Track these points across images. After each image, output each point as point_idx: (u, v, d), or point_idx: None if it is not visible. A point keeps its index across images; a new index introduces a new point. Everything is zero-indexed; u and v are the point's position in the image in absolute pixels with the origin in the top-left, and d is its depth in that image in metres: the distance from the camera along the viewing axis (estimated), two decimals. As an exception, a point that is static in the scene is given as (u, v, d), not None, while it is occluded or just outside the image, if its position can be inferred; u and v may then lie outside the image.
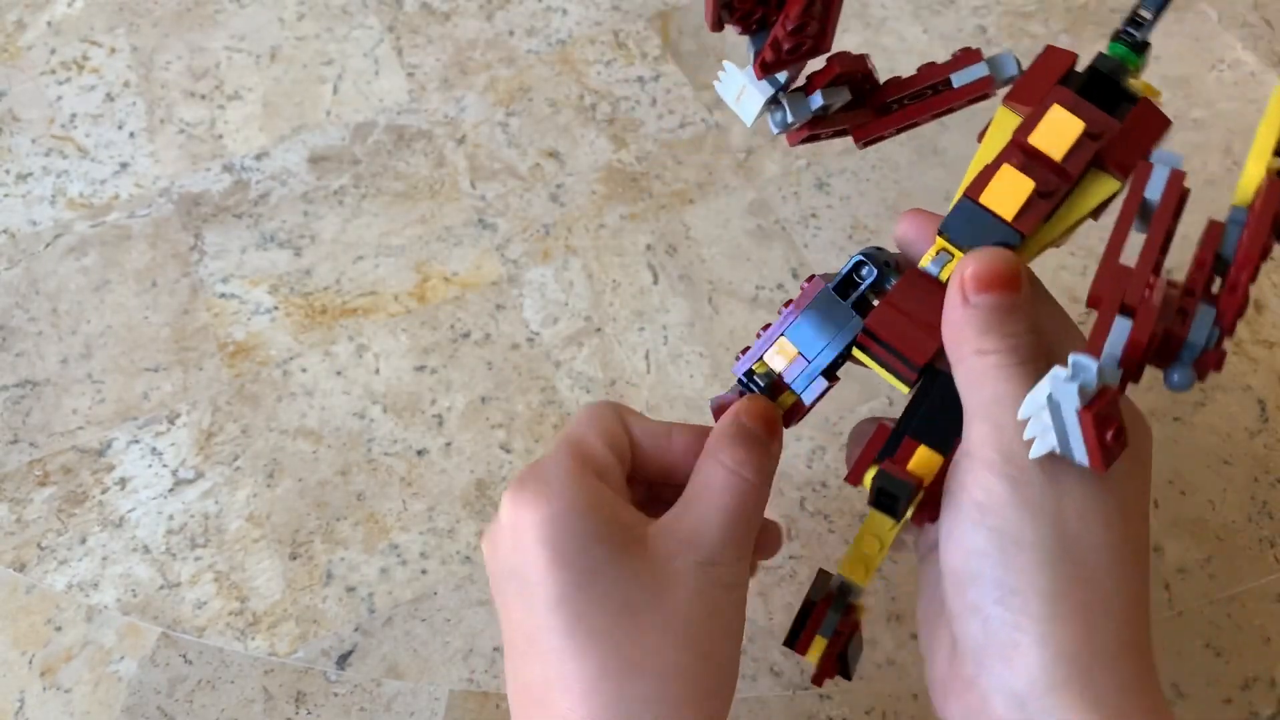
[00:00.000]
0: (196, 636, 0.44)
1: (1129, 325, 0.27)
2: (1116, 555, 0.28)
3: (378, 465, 0.48)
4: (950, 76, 0.33)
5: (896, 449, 0.31)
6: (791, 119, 0.32)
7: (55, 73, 0.62)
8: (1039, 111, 0.30)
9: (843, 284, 0.33)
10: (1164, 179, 0.29)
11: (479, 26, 0.63)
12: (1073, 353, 0.26)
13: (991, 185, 0.30)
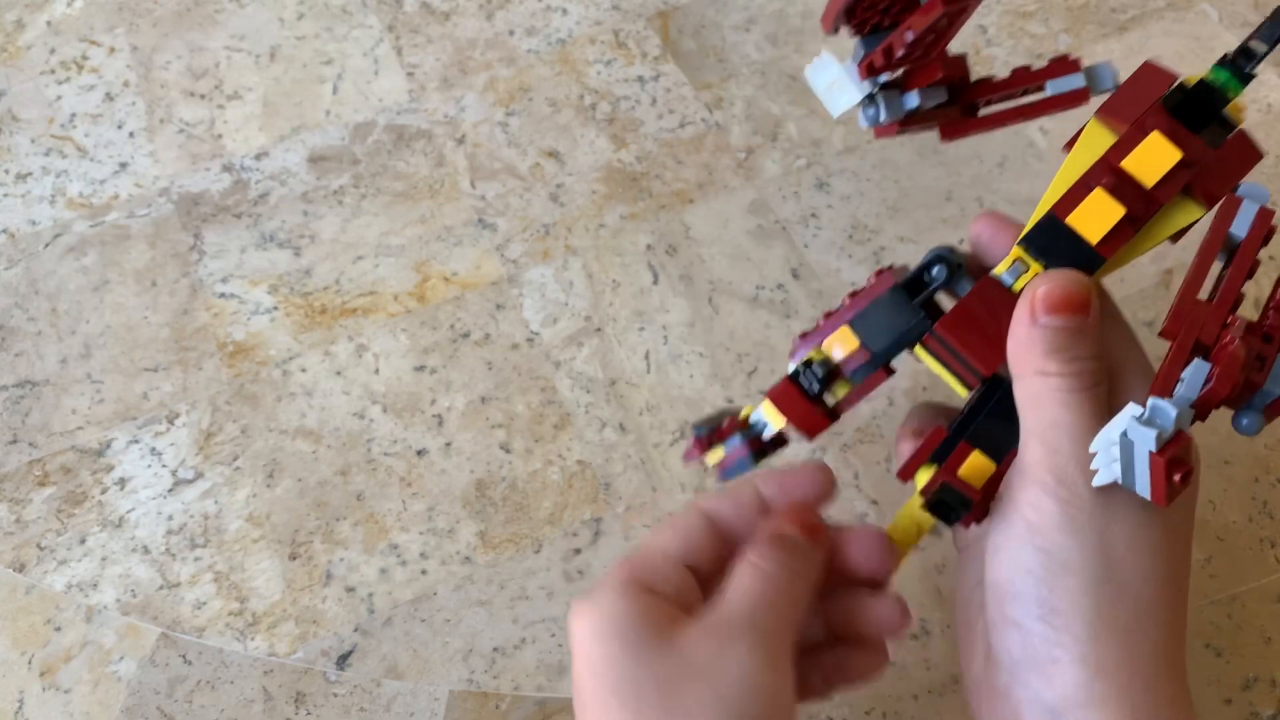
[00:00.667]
0: (196, 637, 0.44)
1: (1206, 369, 0.27)
2: (1158, 582, 0.28)
3: (377, 465, 0.48)
4: (1046, 84, 0.32)
5: (950, 452, 0.31)
6: (885, 117, 0.32)
7: (54, 72, 0.62)
8: (1135, 134, 0.29)
9: (912, 282, 0.33)
10: (1252, 214, 0.29)
11: (479, 26, 0.63)
12: (1152, 397, 0.26)
13: (1082, 207, 0.29)
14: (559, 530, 0.46)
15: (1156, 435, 0.26)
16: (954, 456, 0.31)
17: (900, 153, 0.56)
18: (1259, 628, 0.41)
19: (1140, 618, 0.28)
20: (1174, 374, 0.27)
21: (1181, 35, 0.59)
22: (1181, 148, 0.29)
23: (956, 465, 0.31)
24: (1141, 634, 0.28)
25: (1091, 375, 0.29)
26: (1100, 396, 0.29)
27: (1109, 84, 0.32)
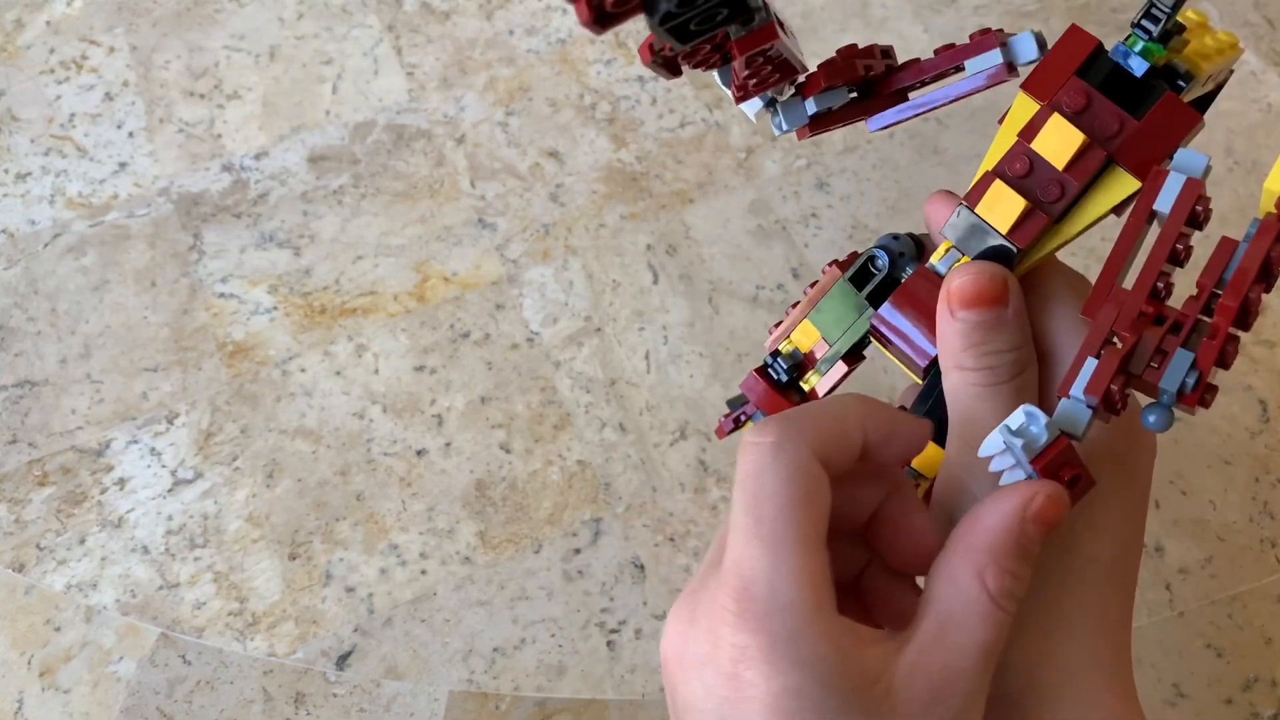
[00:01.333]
0: (196, 637, 0.44)
1: (1093, 366, 0.26)
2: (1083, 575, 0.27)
3: (377, 465, 0.47)
4: (965, 63, 0.32)
5: None
6: (786, 126, 0.32)
7: (54, 72, 0.62)
8: (1045, 112, 0.29)
9: (859, 274, 0.33)
10: (1176, 188, 0.27)
11: (479, 26, 0.63)
12: (1024, 405, 0.25)
13: (986, 198, 0.29)
14: (559, 530, 0.46)
15: (1025, 446, 0.25)
16: None
17: (900, 153, 0.56)
18: (1259, 628, 0.41)
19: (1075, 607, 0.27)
20: (1076, 369, 0.26)
21: (1182, 35, 0.59)
22: (1089, 124, 0.28)
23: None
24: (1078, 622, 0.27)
25: (1009, 368, 0.28)
26: (1020, 387, 0.28)
27: (1031, 54, 0.31)
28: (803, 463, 0.25)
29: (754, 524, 0.24)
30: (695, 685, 0.24)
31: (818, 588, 0.23)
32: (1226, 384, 0.48)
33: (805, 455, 0.25)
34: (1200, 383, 0.26)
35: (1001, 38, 0.32)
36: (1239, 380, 0.48)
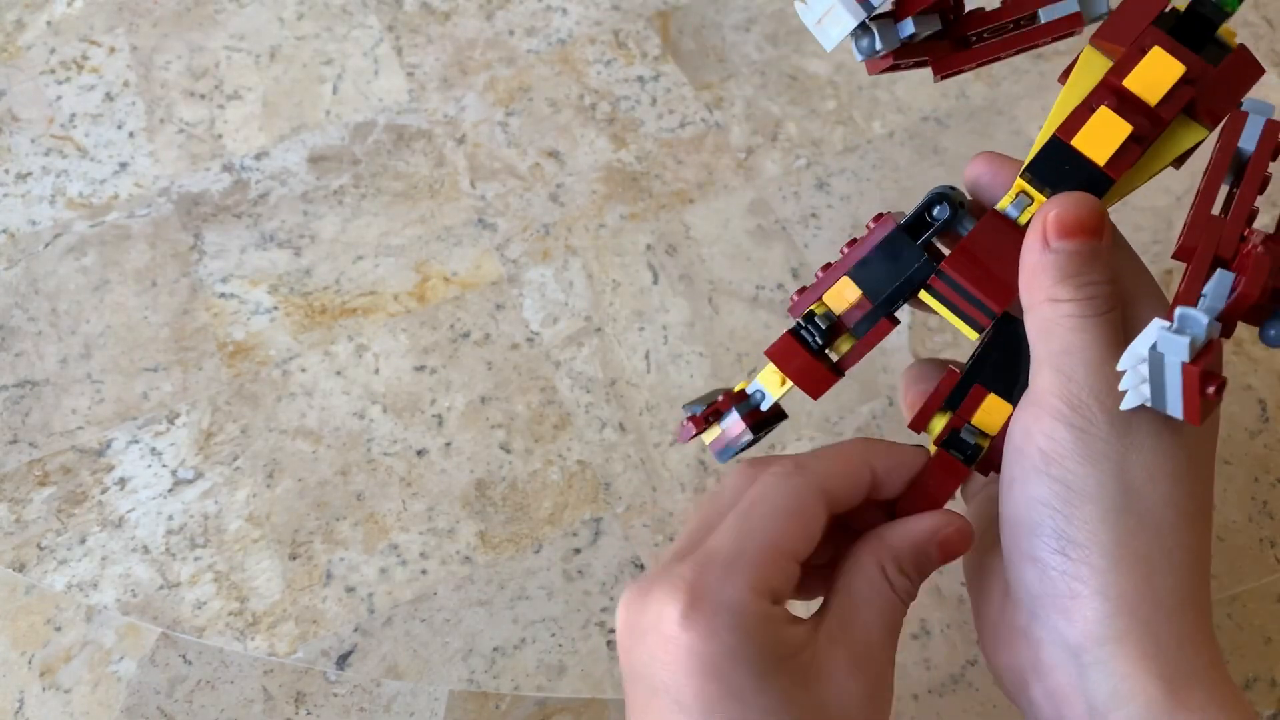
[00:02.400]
0: (196, 637, 0.44)
1: (1230, 278, 0.26)
2: (1180, 511, 0.27)
3: (377, 465, 0.48)
4: (1038, 11, 0.31)
5: (964, 397, 0.31)
6: (880, 46, 0.30)
7: (54, 72, 0.62)
8: (1134, 54, 0.29)
9: (914, 224, 0.32)
10: (1259, 127, 0.28)
11: (479, 26, 0.63)
12: (1180, 306, 0.25)
13: (1087, 128, 0.28)
14: (559, 530, 0.46)
15: (1189, 343, 0.24)
16: (968, 401, 0.31)
17: (900, 153, 0.56)
18: (1259, 628, 0.41)
19: (1162, 549, 0.27)
20: (1196, 287, 0.26)
21: (1181, 35, 0.59)
22: (1182, 63, 0.28)
23: (972, 410, 0.31)
24: (1164, 566, 0.27)
25: (1106, 300, 0.28)
26: (1115, 322, 0.28)
27: (1103, 8, 0.31)
28: (805, 496, 0.28)
29: (739, 522, 0.28)
30: (640, 652, 0.27)
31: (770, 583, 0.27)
32: (1226, 384, 0.48)
33: (811, 490, 0.28)
34: None
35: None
36: (1238, 380, 0.48)
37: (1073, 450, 0.27)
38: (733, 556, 0.27)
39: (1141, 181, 0.29)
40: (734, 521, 0.28)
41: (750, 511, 0.28)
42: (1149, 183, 0.30)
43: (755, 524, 0.28)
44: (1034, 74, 0.58)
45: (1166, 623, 0.27)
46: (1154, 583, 0.27)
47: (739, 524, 0.28)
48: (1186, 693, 0.26)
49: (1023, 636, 0.29)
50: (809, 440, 0.47)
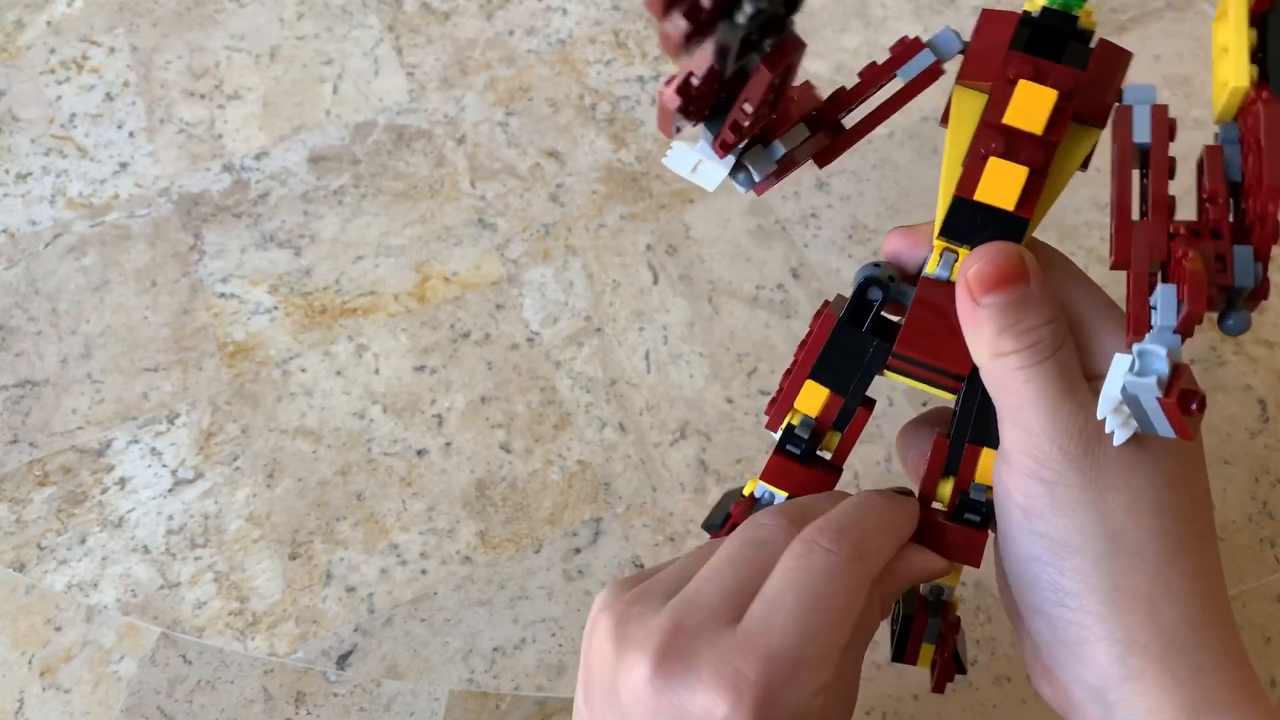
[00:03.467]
0: (196, 636, 0.44)
1: (1173, 290, 0.26)
2: (1172, 542, 0.27)
3: (377, 465, 0.48)
4: (896, 74, 0.31)
5: (960, 458, 0.31)
6: (758, 177, 0.31)
7: (55, 72, 0.62)
8: (1004, 88, 0.29)
9: (855, 312, 0.32)
10: (1148, 118, 0.28)
11: (479, 26, 0.63)
12: (1136, 344, 0.25)
13: (984, 180, 0.29)
14: (559, 530, 0.46)
15: (1156, 381, 0.25)
16: (965, 462, 0.31)
17: (900, 153, 0.56)
18: (1259, 627, 0.41)
19: (1161, 583, 0.27)
20: (1144, 304, 0.26)
21: (1181, 35, 0.59)
22: (1053, 84, 0.28)
23: (971, 469, 0.31)
24: (1166, 599, 0.27)
25: (1050, 342, 0.28)
26: (1064, 360, 0.28)
27: (957, 47, 0.31)
28: (863, 590, 0.28)
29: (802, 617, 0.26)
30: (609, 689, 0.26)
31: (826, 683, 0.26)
32: (1225, 384, 0.48)
33: (866, 583, 0.28)
34: (1264, 273, 0.26)
35: (923, 42, 0.31)
36: (1237, 380, 0.48)
37: (1048, 504, 0.27)
38: (797, 658, 0.26)
39: (1054, 197, 0.29)
40: (796, 612, 0.26)
41: (814, 605, 0.27)
42: None
43: (819, 620, 0.26)
44: (1034, 74, 0.58)
45: (1180, 654, 0.27)
46: (1159, 618, 0.27)
47: (802, 620, 0.26)
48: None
49: (1053, 679, 0.29)
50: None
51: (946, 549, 0.31)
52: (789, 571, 0.27)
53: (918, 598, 0.34)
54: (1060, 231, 0.52)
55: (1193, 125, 0.56)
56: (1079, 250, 0.52)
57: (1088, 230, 0.52)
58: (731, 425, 0.47)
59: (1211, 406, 0.47)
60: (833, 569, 0.27)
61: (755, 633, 0.26)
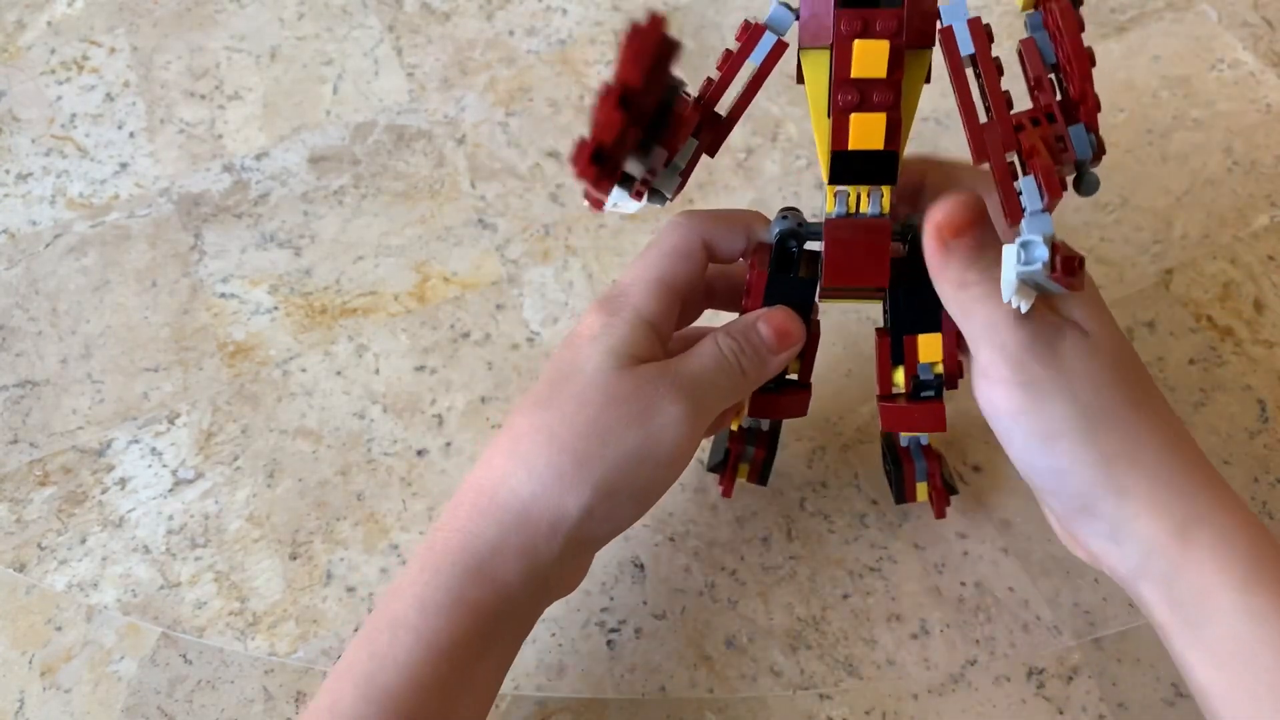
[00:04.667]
0: (196, 636, 0.44)
1: (1033, 181, 0.31)
2: (1133, 403, 0.34)
3: (378, 465, 0.48)
4: (748, 59, 0.35)
5: (903, 349, 0.37)
6: (671, 196, 0.35)
7: (55, 73, 0.62)
8: (843, 46, 0.33)
9: (780, 261, 0.38)
10: (966, 31, 0.32)
11: (479, 26, 0.63)
12: (1019, 237, 0.31)
13: (853, 133, 0.34)
14: (559, 530, 0.46)
15: (1044, 266, 0.30)
16: (907, 352, 0.37)
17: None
18: (1258, 627, 0.41)
19: (1132, 439, 0.33)
20: (1012, 194, 0.32)
21: (1181, 35, 0.59)
22: (880, 33, 0.32)
23: (914, 355, 0.37)
24: (1140, 449, 0.33)
25: (998, 268, 0.33)
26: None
27: (790, 19, 0.34)
28: (688, 239, 0.38)
29: (638, 260, 0.38)
30: (564, 348, 0.37)
31: (650, 305, 0.37)
32: (1225, 384, 0.48)
33: (693, 234, 0.38)
34: (1099, 140, 0.32)
35: (762, 26, 0.35)
36: (1237, 380, 0.48)
37: (1030, 402, 0.33)
38: (629, 284, 0.37)
39: (912, 113, 0.34)
40: (636, 260, 0.38)
41: (647, 253, 0.38)
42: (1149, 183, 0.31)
43: (649, 260, 0.38)
44: (1034, 74, 0.58)
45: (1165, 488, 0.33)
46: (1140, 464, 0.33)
47: (638, 262, 0.38)
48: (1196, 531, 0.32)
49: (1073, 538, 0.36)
50: (808, 440, 0.47)
51: (914, 423, 0.38)
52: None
53: (899, 449, 0.42)
54: (1060, 231, 0.52)
55: (1191, 126, 0.56)
56: (1079, 250, 0.52)
57: (1087, 230, 0.52)
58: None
59: (1211, 406, 0.47)
60: (664, 230, 0.39)
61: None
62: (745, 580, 0.44)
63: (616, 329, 0.36)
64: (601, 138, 0.28)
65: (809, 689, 0.41)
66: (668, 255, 0.38)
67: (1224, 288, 0.50)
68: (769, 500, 0.45)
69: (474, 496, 0.35)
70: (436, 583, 0.34)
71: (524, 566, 0.34)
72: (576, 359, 0.36)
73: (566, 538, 0.35)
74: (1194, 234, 0.52)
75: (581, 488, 0.34)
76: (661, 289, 0.37)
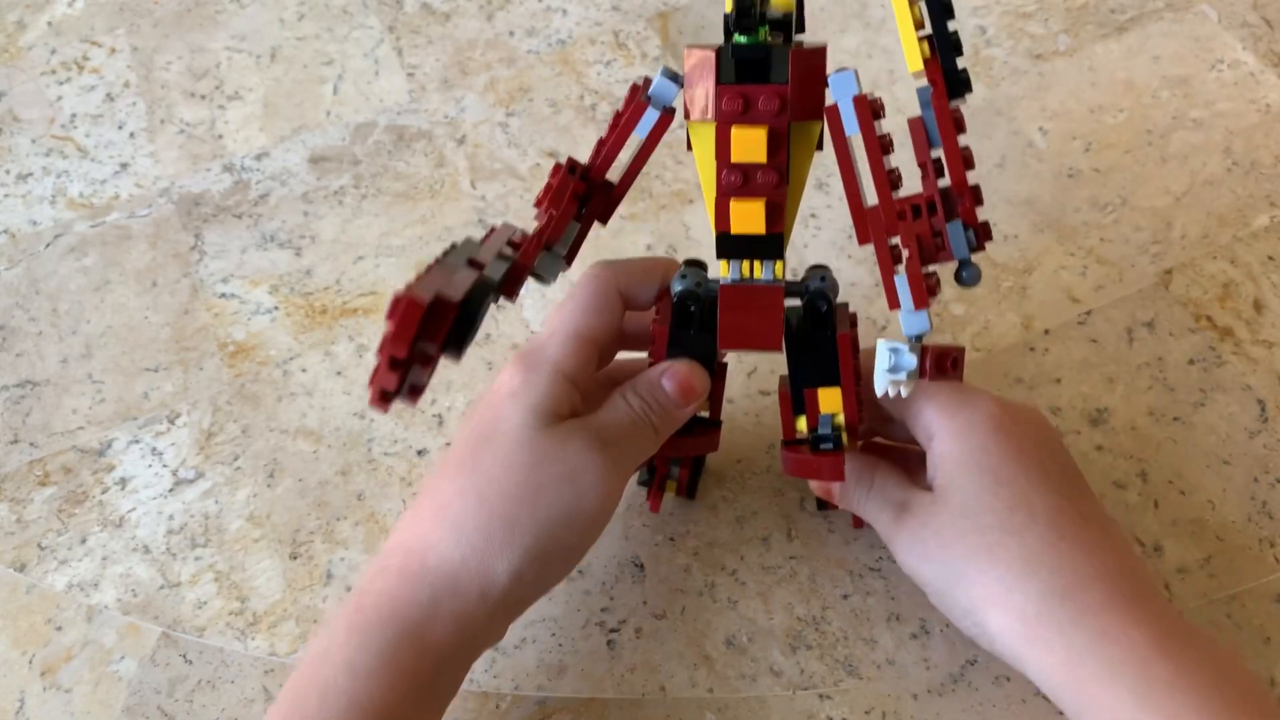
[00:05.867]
0: (197, 636, 0.44)
1: (904, 277, 0.32)
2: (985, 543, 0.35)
3: (378, 465, 0.48)
4: (634, 133, 0.35)
5: (803, 402, 0.38)
6: (553, 281, 0.36)
7: (55, 73, 0.62)
8: (724, 131, 0.33)
9: (680, 320, 0.38)
10: (851, 110, 0.32)
11: (479, 26, 0.63)
12: (880, 342, 0.33)
13: (734, 217, 0.34)
14: (559, 530, 0.46)
15: (907, 375, 0.32)
16: (809, 404, 0.38)
17: (900, 153, 0.56)
18: (1258, 628, 0.41)
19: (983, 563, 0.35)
20: (892, 282, 0.32)
21: (1181, 35, 0.59)
22: (762, 112, 0.32)
23: (814, 407, 0.38)
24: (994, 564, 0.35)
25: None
26: None
27: (674, 91, 0.34)
28: (604, 288, 0.38)
29: (555, 313, 0.38)
30: (481, 405, 0.37)
31: (567, 359, 0.37)
32: (1225, 384, 0.48)
33: (609, 284, 0.38)
34: (979, 233, 0.32)
35: (644, 94, 0.35)
36: (1237, 380, 0.48)
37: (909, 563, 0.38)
38: (547, 339, 0.38)
39: (801, 186, 0.34)
40: (554, 312, 0.39)
41: (565, 305, 0.38)
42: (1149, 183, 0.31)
43: (567, 314, 0.38)
44: (1033, 74, 0.58)
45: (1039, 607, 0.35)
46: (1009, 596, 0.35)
47: (556, 315, 0.38)
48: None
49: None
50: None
51: (815, 472, 0.38)
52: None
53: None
54: (1060, 231, 0.52)
55: (1191, 126, 0.56)
56: (1079, 250, 0.52)
57: (1087, 230, 0.52)
58: (730, 425, 0.47)
59: (1211, 407, 0.47)
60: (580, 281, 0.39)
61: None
62: (745, 580, 0.44)
63: (537, 386, 0.36)
64: (383, 384, 0.28)
65: (809, 689, 0.41)
66: (585, 309, 0.38)
67: (1224, 288, 0.50)
68: (769, 500, 0.45)
69: (402, 559, 0.35)
70: (367, 645, 0.34)
71: (455, 629, 0.34)
72: (498, 418, 0.36)
73: (497, 603, 0.35)
74: (1194, 234, 0.52)
75: (511, 553, 0.35)
76: (579, 343, 0.37)
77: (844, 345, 0.37)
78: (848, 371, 0.37)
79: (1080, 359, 0.48)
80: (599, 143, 0.35)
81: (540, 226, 0.35)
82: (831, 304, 0.37)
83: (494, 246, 0.34)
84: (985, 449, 0.36)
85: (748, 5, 0.31)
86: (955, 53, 0.31)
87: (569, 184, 0.35)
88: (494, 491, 0.35)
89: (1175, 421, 0.47)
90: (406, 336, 0.27)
